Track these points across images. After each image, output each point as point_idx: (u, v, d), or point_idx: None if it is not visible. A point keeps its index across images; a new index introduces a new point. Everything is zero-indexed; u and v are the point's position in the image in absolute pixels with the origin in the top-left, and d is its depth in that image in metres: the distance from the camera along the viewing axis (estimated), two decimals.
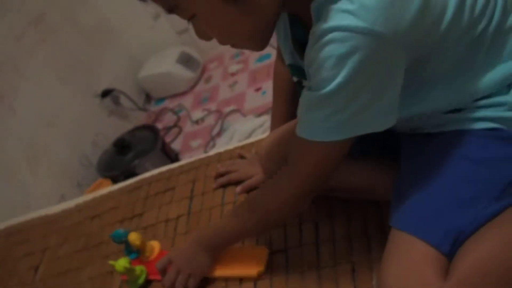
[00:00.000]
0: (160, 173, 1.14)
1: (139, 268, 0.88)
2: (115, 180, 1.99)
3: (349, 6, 0.51)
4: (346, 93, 0.54)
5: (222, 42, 0.64)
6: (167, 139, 2.31)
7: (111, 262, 0.88)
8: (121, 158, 2.09)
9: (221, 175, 0.99)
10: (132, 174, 1.83)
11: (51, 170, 1.99)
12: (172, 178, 1.09)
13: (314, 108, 0.58)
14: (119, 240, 0.91)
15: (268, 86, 2.26)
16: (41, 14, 2.15)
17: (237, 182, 0.96)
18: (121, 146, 2.10)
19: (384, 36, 0.51)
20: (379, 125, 0.58)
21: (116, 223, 1.06)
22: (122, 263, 0.85)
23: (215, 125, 2.27)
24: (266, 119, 2.08)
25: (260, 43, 0.65)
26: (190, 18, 0.61)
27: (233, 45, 0.66)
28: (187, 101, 2.56)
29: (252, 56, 2.56)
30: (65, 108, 2.15)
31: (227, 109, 2.31)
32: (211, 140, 2.21)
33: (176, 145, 2.30)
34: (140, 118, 2.60)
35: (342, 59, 0.52)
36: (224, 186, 0.98)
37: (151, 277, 0.88)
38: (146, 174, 1.18)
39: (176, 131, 2.41)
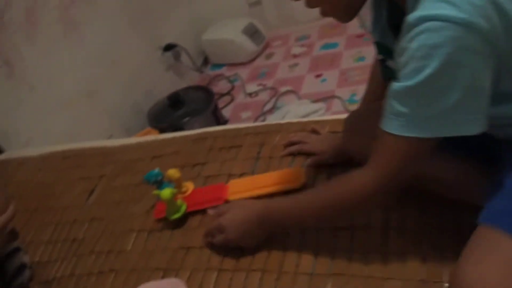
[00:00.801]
0: (226, 130, 1.14)
1: (179, 201, 0.92)
2: (162, 132, 2.01)
3: None
4: (435, 86, 0.53)
5: (312, 5, 0.65)
6: (218, 105, 2.32)
7: (155, 191, 0.90)
8: (173, 112, 2.11)
9: (293, 144, 0.99)
10: (180, 130, 1.84)
11: (104, 109, 2.03)
12: (238, 137, 1.09)
13: (400, 101, 0.56)
14: (154, 179, 0.93)
15: (329, 74, 2.24)
16: None
17: (307, 155, 0.96)
18: (175, 100, 2.11)
19: (483, 30, 0.50)
20: (466, 129, 0.56)
21: (176, 167, 1.07)
22: (168, 191, 0.88)
23: (268, 101, 2.27)
24: (322, 107, 2.06)
25: (347, 15, 0.66)
26: None
27: (322, 12, 0.67)
28: (244, 72, 2.55)
29: (318, 43, 2.54)
30: (129, 53, 2.18)
31: (283, 89, 2.29)
32: (262, 115, 2.20)
33: (225, 113, 2.30)
34: (194, 79, 2.61)
35: (434, 49, 0.50)
36: (293, 155, 0.98)
37: (190, 209, 0.92)
38: (211, 129, 1.18)
39: (228, 99, 2.42)
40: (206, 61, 2.76)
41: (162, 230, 0.92)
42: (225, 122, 2.21)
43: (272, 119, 2.15)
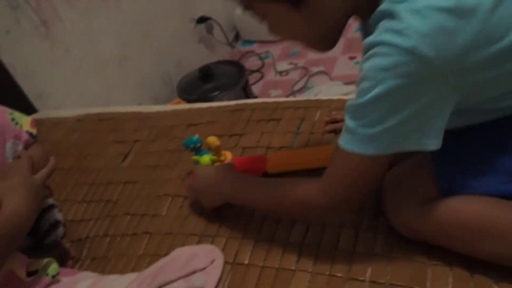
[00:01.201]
0: (265, 103, 1.12)
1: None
2: None
3: (398, 25, 0.52)
4: (379, 107, 0.55)
5: (290, 41, 0.70)
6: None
7: (194, 157, 0.89)
8: (203, 85, 2.09)
9: (336, 122, 0.97)
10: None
11: (135, 77, 2.03)
12: (278, 110, 1.08)
13: (350, 116, 0.59)
14: (193, 145, 0.92)
15: None
16: None
17: None
18: (206, 74, 2.10)
19: (427, 58, 0.51)
20: (417, 145, 0.58)
21: (213, 136, 1.06)
22: (207, 157, 0.87)
23: (299, 81, 2.24)
24: (354, 90, 2.02)
25: (326, 46, 0.69)
26: (262, 19, 0.66)
27: (301, 45, 0.70)
28: (275, 50, 2.52)
29: (353, 24, 2.47)
30: (163, 23, 2.16)
31: (315, 69, 2.26)
32: (292, 94, 2.18)
33: (255, 89, 2.28)
34: (224, 54, 2.59)
35: (381, 72, 0.53)
36: (335, 132, 0.96)
37: None
38: (249, 100, 1.17)
39: (258, 76, 2.39)
40: (237, 37, 2.73)
41: None
42: (254, 98, 2.19)
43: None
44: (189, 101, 2.03)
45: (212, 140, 0.92)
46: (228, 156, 0.96)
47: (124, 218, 0.94)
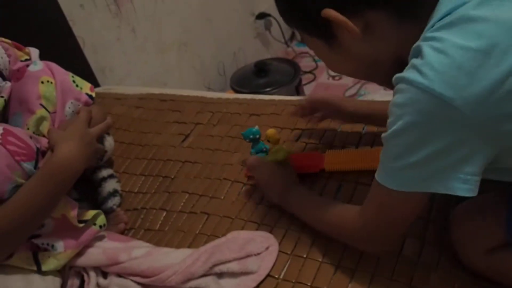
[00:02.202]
0: None
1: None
2: None
3: (419, 62, 0.52)
4: (402, 141, 0.55)
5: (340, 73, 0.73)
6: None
7: (271, 157, 0.89)
8: (256, 79, 2.10)
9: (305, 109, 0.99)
10: None
11: (191, 63, 2.06)
12: None
13: (382, 150, 0.59)
14: (252, 136, 0.92)
15: None
16: None
17: None
18: (261, 68, 2.11)
19: (444, 97, 0.50)
20: (443, 188, 0.55)
21: (275, 128, 1.06)
22: (282, 152, 0.88)
23: (351, 87, 2.22)
24: None
25: (377, 82, 0.71)
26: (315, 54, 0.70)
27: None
28: None
29: None
30: (224, 14, 2.19)
31: None
32: None
33: (306, 90, 2.28)
34: (279, 51, 2.60)
35: (401, 108, 0.53)
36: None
37: None
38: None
39: (310, 77, 2.39)
40: (293, 36, 2.73)
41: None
42: None
43: None
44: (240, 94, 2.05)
45: (272, 132, 0.92)
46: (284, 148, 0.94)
47: (182, 195, 0.95)
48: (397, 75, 0.54)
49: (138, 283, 0.78)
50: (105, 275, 0.82)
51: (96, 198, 0.98)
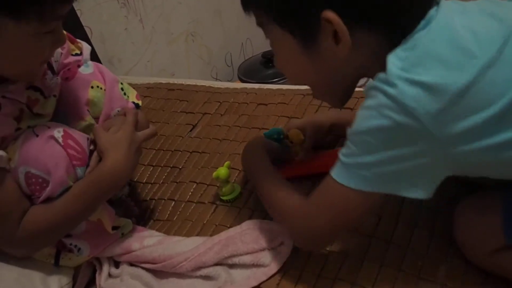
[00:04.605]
0: None
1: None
2: None
3: (386, 76, 0.53)
4: (365, 141, 0.56)
5: (293, 83, 0.71)
6: None
7: None
8: (263, 69, 2.09)
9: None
10: None
11: (199, 54, 2.05)
12: (352, 99, 1.05)
13: (343, 148, 0.59)
14: (277, 136, 0.90)
15: None
16: None
17: None
18: (269, 59, 2.09)
19: (407, 107, 0.52)
20: (403, 191, 0.58)
21: (282, 117, 1.06)
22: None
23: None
24: None
25: (333, 101, 0.72)
26: (272, 46, 0.66)
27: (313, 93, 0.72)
28: None
29: None
30: (232, 4, 2.17)
31: None
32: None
33: None
34: None
35: (369, 110, 0.55)
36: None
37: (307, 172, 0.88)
38: None
39: None
40: None
41: None
42: None
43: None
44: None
45: (295, 133, 0.89)
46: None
47: (189, 185, 0.95)
48: (370, 83, 0.55)
49: (150, 270, 0.78)
50: (117, 264, 0.83)
51: None
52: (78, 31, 1.46)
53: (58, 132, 0.72)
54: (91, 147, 0.78)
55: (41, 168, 0.70)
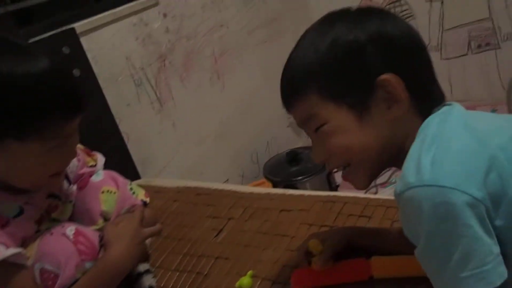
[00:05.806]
0: (356, 198, 1.16)
1: None
2: (274, 185, 2.09)
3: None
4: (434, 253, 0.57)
5: (336, 159, 0.71)
6: None
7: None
8: (288, 168, 2.18)
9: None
10: (292, 187, 1.90)
11: (227, 153, 2.17)
12: (369, 207, 1.10)
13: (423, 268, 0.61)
14: None
15: None
16: (274, 17, 2.37)
17: None
18: (293, 157, 2.19)
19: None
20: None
21: (304, 224, 1.11)
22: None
23: (382, 174, 2.24)
24: None
25: (365, 176, 0.72)
26: (320, 126, 0.67)
27: (345, 170, 0.72)
28: None
29: None
30: (259, 105, 2.33)
31: None
32: (374, 186, 2.19)
33: (337, 178, 2.32)
34: (309, 140, 2.67)
35: (416, 218, 0.57)
36: None
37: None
38: (341, 193, 1.21)
39: None
40: None
41: (288, 283, 0.95)
42: (336, 187, 2.23)
43: (384, 193, 2.12)
44: (273, 182, 2.12)
45: (315, 243, 0.91)
46: None
47: None
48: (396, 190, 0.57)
49: None
50: None
51: None
52: (116, 137, 1.60)
53: (70, 230, 0.81)
54: (102, 242, 0.86)
55: (54, 264, 0.78)
